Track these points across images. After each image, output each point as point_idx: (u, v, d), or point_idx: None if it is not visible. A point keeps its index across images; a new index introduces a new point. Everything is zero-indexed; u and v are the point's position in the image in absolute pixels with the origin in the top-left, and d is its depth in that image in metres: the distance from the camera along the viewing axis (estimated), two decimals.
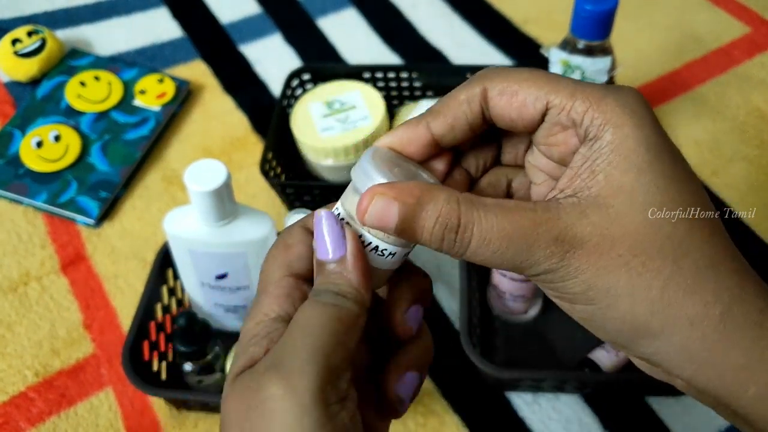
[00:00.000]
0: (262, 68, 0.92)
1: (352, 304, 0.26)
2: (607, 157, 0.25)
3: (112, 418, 0.60)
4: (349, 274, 0.27)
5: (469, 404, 0.60)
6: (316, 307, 0.26)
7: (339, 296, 0.26)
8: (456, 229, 0.25)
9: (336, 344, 0.25)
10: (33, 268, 0.71)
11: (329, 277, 0.27)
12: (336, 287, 0.26)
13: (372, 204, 0.25)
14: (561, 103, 0.26)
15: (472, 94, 0.28)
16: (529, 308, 0.64)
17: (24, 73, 0.87)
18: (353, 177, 0.27)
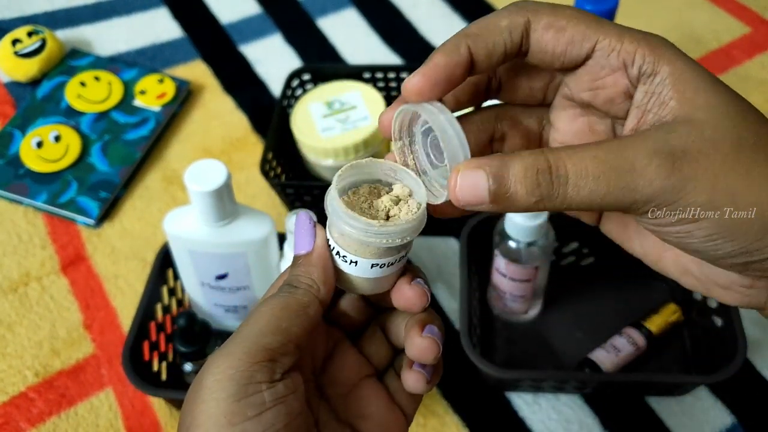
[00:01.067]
0: (262, 68, 0.92)
1: (303, 294, 0.28)
2: (672, 87, 0.25)
3: (113, 418, 0.60)
4: (311, 268, 0.29)
5: (470, 404, 0.60)
6: (268, 299, 0.28)
7: (292, 287, 0.28)
8: (549, 170, 0.24)
9: (275, 328, 0.27)
10: (33, 268, 0.71)
11: (294, 271, 0.29)
12: (295, 280, 0.29)
13: (460, 179, 0.25)
14: (611, 44, 0.26)
15: (515, 22, 0.26)
16: (529, 308, 0.64)
17: (24, 74, 0.87)
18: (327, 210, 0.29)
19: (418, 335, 0.29)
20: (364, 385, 0.32)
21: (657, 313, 0.62)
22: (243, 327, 0.27)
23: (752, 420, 0.59)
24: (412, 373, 0.30)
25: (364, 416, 0.31)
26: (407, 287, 0.30)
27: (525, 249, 0.57)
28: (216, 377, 0.25)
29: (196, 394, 0.26)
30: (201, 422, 0.25)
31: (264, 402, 0.25)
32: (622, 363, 0.59)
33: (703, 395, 0.60)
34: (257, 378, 0.25)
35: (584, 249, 0.67)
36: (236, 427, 0.25)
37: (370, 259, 0.28)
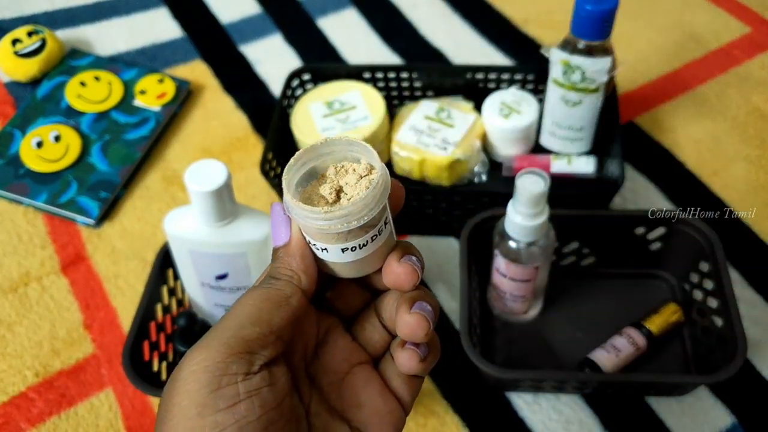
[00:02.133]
0: (262, 68, 0.92)
1: (284, 285, 0.28)
2: None
3: (113, 418, 0.60)
4: (290, 258, 0.29)
5: (470, 404, 0.60)
6: (249, 291, 0.28)
7: (273, 279, 0.28)
8: None
9: (256, 320, 0.27)
10: (33, 268, 0.71)
11: (274, 263, 0.29)
12: (275, 272, 0.29)
13: None
14: None
15: None
16: (529, 308, 0.64)
17: (24, 73, 0.87)
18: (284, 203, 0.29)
19: (407, 312, 0.28)
20: (357, 372, 0.31)
21: (657, 313, 0.62)
22: (223, 319, 0.27)
23: (752, 420, 0.59)
24: (405, 351, 0.30)
25: (357, 405, 0.30)
26: (396, 264, 0.29)
27: (525, 249, 0.57)
28: (191, 368, 0.25)
29: (172, 387, 0.26)
30: (173, 414, 0.25)
31: (238, 394, 0.25)
32: (622, 363, 0.59)
33: (703, 395, 0.60)
34: (233, 370, 0.25)
35: (584, 249, 0.67)
36: (207, 418, 0.24)
37: (336, 244, 0.28)
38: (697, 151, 0.79)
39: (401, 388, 0.31)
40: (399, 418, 0.31)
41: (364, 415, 0.30)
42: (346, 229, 0.27)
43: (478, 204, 0.67)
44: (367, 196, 0.27)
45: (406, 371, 0.30)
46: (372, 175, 0.28)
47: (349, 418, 0.30)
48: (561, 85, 0.68)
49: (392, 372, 0.31)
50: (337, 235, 0.27)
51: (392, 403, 0.31)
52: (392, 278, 0.29)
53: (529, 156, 0.74)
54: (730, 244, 0.69)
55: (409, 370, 0.30)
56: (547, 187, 0.52)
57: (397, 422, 0.30)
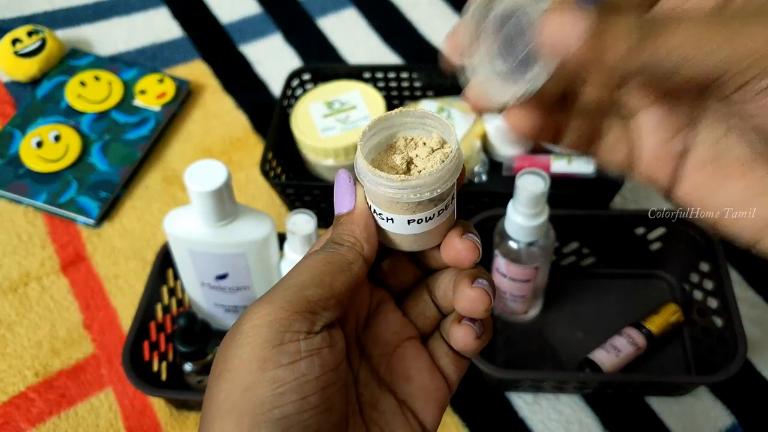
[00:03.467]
0: (262, 68, 0.92)
1: (347, 251, 0.28)
2: None
3: (113, 418, 0.60)
4: (353, 225, 0.29)
5: (470, 404, 0.60)
6: (313, 254, 0.28)
7: (336, 244, 0.29)
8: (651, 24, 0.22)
9: (319, 282, 0.27)
10: (33, 268, 0.71)
11: (337, 229, 0.29)
12: (338, 237, 0.29)
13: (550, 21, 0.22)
14: None
15: None
16: (529, 308, 0.64)
17: (24, 73, 0.87)
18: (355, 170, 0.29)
19: (468, 286, 0.28)
20: (406, 346, 0.31)
21: (657, 313, 0.62)
22: (285, 278, 0.27)
23: (752, 420, 0.59)
24: (462, 327, 0.30)
25: (406, 378, 0.30)
26: (457, 240, 0.29)
27: (525, 249, 0.57)
28: (254, 322, 0.25)
29: (232, 339, 0.26)
30: (233, 366, 0.25)
31: (299, 351, 0.25)
32: (622, 363, 0.59)
33: (703, 395, 0.60)
34: (295, 327, 0.25)
35: (584, 249, 0.67)
36: (267, 373, 0.24)
37: (404, 215, 0.28)
38: None
39: (449, 367, 0.31)
40: (445, 396, 0.31)
41: (412, 389, 0.30)
42: (417, 200, 0.27)
43: (478, 204, 0.67)
44: (442, 169, 0.27)
45: (461, 347, 0.30)
46: (444, 149, 0.28)
47: (396, 390, 0.30)
48: None
49: (441, 350, 0.31)
50: (407, 205, 0.27)
51: (439, 381, 0.31)
52: (453, 254, 0.29)
53: (529, 156, 0.74)
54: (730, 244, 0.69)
55: (464, 346, 0.30)
56: (547, 187, 0.52)
57: (442, 400, 0.31)
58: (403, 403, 0.30)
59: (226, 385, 0.25)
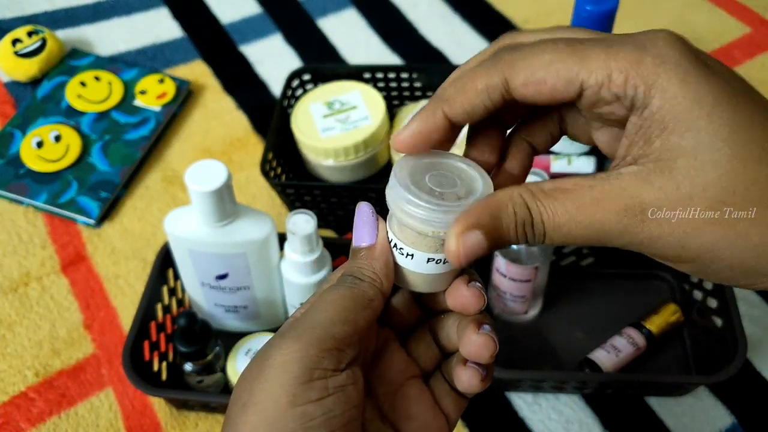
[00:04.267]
0: (262, 68, 0.92)
1: (368, 287, 0.28)
2: (660, 123, 0.24)
3: (113, 418, 0.60)
4: (373, 261, 0.29)
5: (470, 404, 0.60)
6: (333, 288, 0.29)
7: (357, 279, 0.29)
8: (531, 223, 0.25)
9: (344, 319, 0.27)
10: (33, 268, 0.71)
11: (356, 263, 0.29)
12: (358, 272, 0.29)
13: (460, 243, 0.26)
14: (596, 81, 0.24)
15: (491, 83, 0.26)
16: (529, 308, 0.64)
17: (24, 73, 0.87)
18: (387, 198, 0.28)
19: (475, 332, 0.29)
20: (410, 385, 0.32)
21: (657, 313, 0.62)
22: (311, 314, 0.27)
23: (752, 420, 0.59)
24: (467, 370, 0.30)
25: (408, 416, 0.31)
26: (464, 287, 0.29)
27: (525, 249, 0.57)
28: (284, 357, 0.26)
29: (259, 371, 0.26)
30: (260, 399, 0.25)
31: (327, 388, 0.26)
32: (622, 363, 0.59)
33: (703, 395, 0.60)
34: (324, 364, 0.26)
35: (584, 249, 0.67)
36: (297, 408, 0.25)
37: (426, 252, 0.28)
38: None
39: (449, 405, 0.32)
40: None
41: (414, 427, 0.31)
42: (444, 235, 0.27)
43: None
44: None
45: (466, 389, 0.31)
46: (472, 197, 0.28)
47: (399, 428, 0.31)
48: None
49: (442, 390, 0.32)
50: (432, 241, 0.28)
51: (441, 420, 0.31)
52: (460, 300, 0.30)
53: None
54: None
55: (469, 387, 0.30)
56: None
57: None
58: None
59: (253, 418, 0.25)
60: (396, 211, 0.28)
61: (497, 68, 0.26)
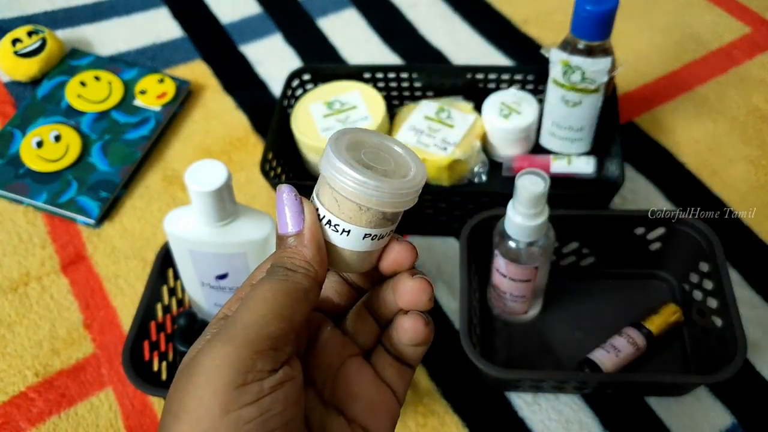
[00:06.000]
0: (262, 68, 0.92)
1: (302, 278, 0.27)
2: None
3: (113, 418, 0.60)
4: (304, 248, 0.27)
5: (469, 404, 0.60)
6: (265, 282, 0.27)
7: (289, 271, 0.27)
8: None
9: (279, 316, 0.25)
10: (33, 268, 0.71)
11: (285, 252, 0.28)
12: (289, 262, 0.27)
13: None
14: None
15: None
16: (529, 308, 0.64)
17: (24, 73, 0.87)
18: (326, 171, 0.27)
19: (409, 278, 0.28)
20: (348, 365, 0.31)
21: (657, 313, 0.62)
22: (241, 312, 0.26)
23: (752, 420, 0.59)
24: (409, 317, 0.29)
25: (352, 396, 0.30)
26: (395, 243, 0.29)
27: (525, 249, 0.57)
28: (214, 362, 0.24)
29: (189, 377, 0.24)
30: (191, 407, 0.24)
31: (263, 389, 0.24)
32: (622, 363, 0.59)
33: (703, 395, 0.60)
34: (258, 367, 0.24)
35: (584, 249, 0.67)
36: (231, 414, 0.23)
37: (364, 228, 0.27)
38: (697, 152, 0.79)
39: (394, 378, 0.31)
40: (394, 409, 0.30)
41: (359, 407, 0.30)
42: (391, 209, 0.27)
43: (478, 204, 0.67)
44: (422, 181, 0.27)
45: (410, 338, 0.30)
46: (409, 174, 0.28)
47: (344, 410, 0.30)
48: (561, 85, 0.68)
49: (384, 362, 0.31)
50: (372, 215, 0.27)
51: (386, 394, 0.30)
52: (393, 254, 0.29)
53: (529, 156, 0.74)
54: (730, 244, 0.69)
55: (414, 335, 0.29)
56: (547, 187, 0.52)
57: (392, 412, 0.30)
58: (353, 422, 0.29)
59: (185, 428, 0.24)
60: (340, 184, 0.26)
61: None
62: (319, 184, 0.28)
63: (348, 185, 0.26)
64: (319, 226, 0.28)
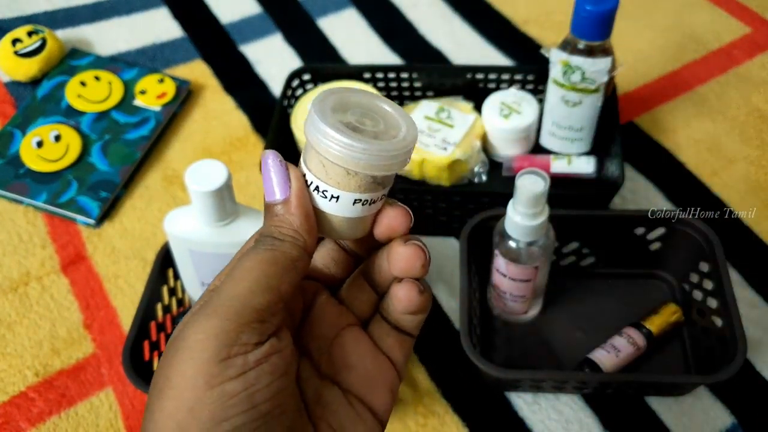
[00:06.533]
0: (262, 68, 0.92)
1: (290, 247, 0.26)
2: None
3: (113, 418, 0.60)
4: (291, 216, 0.26)
5: (469, 404, 0.60)
6: (251, 252, 0.26)
7: (276, 240, 0.26)
8: None
9: (265, 287, 0.25)
10: (33, 268, 0.71)
11: (272, 221, 0.27)
12: (276, 231, 0.26)
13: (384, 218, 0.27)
14: None
15: None
16: (529, 308, 0.64)
17: (24, 73, 0.87)
18: (310, 134, 0.27)
19: (402, 245, 0.28)
20: (345, 334, 0.30)
21: (657, 313, 0.62)
22: (227, 285, 0.25)
23: (752, 420, 0.59)
24: (403, 284, 0.28)
25: (348, 366, 0.29)
26: (389, 208, 0.28)
27: (525, 249, 0.57)
28: (197, 336, 0.23)
29: (174, 353, 0.24)
30: (176, 383, 0.23)
31: (247, 363, 0.24)
32: (622, 363, 0.59)
33: (703, 395, 0.60)
34: (243, 339, 0.24)
35: (584, 249, 0.67)
36: (215, 389, 0.23)
37: (353, 193, 0.26)
38: (697, 151, 0.79)
39: (392, 347, 0.30)
40: (392, 379, 0.30)
41: (356, 378, 0.29)
42: (380, 172, 0.26)
43: (478, 204, 0.67)
44: (411, 142, 0.26)
45: (405, 306, 0.29)
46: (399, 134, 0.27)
47: (340, 381, 0.29)
48: (561, 85, 0.68)
49: (382, 331, 0.30)
50: (361, 180, 0.26)
51: (384, 364, 0.30)
52: (386, 220, 0.28)
53: (529, 156, 0.74)
54: (730, 244, 0.69)
55: (408, 304, 0.28)
56: (547, 187, 0.52)
57: (390, 383, 0.29)
58: (349, 392, 0.29)
59: (169, 403, 0.23)
60: (325, 148, 0.25)
61: None
62: (306, 150, 0.27)
63: (333, 148, 0.25)
64: (306, 193, 0.27)
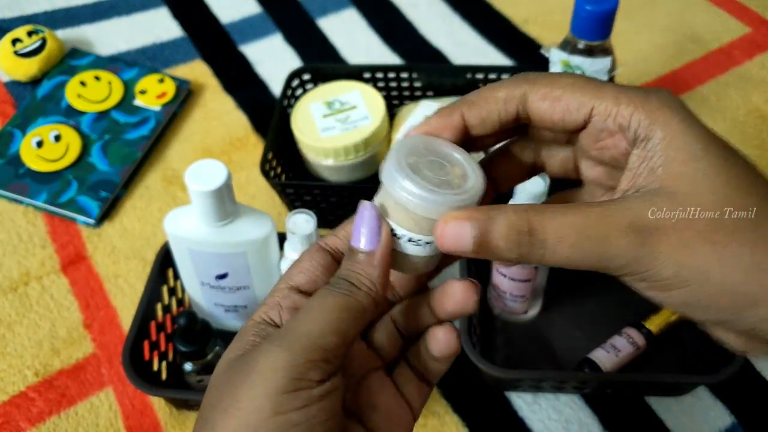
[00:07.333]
0: (262, 68, 0.92)
1: (364, 297, 0.27)
2: (662, 154, 0.26)
3: (113, 417, 0.60)
4: (372, 268, 0.28)
5: (469, 404, 0.60)
6: (327, 294, 0.27)
7: (354, 287, 0.28)
8: (529, 233, 0.25)
9: (335, 330, 0.26)
10: (33, 267, 0.71)
11: (353, 266, 0.28)
12: (355, 278, 0.28)
13: (447, 228, 0.26)
14: (606, 109, 0.27)
15: (511, 94, 0.28)
16: (529, 308, 0.64)
17: (24, 73, 0.87)
18: (381, 176, 0.28)
19: (457, 280, 0.30)
20: (372, 377, 0.32)
21: (657, 313, 0.62)
22: (302, 320, 0.27)
23: (752, 420, 0.59)
24: (443, 327, 0.31)
25: (372, 407, 0.31)
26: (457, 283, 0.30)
27: None
28: (271, 365, 0.25)
29: (245, 375, 0.26)
30: (243, 405, 0.25)
31: (312, 397, 0.25)
32: (622, 363, 0.59)
33: (703, 395, 0.60)
34: (310, 375, 0.26)
35: None
36: (279, 417, 0.25)
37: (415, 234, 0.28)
38: None
39: (413, 394, 0.32)
40: (410, 423, 0.32)
41: (380, 418, 0.31)
42: None
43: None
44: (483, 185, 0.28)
45: (442, 348, 0.31)
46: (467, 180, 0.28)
47: (362, 419, 0.31)
48: None
49: (405, 378, 0.33)
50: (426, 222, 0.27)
51: (404, 408, 0.32)
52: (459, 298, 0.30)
53: None
54: None
55: (446, 346, 0.31)
56: (547, 187, 0.52)
57: (407, 426, 0.32)
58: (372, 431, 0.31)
59: (233, 422, 0.25)
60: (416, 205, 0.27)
61: (521, 81, 0.28)
62: (387, 200, 0.28)
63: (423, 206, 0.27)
64: (390, 248, 0.28)
